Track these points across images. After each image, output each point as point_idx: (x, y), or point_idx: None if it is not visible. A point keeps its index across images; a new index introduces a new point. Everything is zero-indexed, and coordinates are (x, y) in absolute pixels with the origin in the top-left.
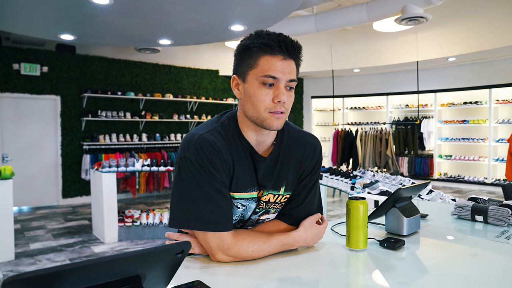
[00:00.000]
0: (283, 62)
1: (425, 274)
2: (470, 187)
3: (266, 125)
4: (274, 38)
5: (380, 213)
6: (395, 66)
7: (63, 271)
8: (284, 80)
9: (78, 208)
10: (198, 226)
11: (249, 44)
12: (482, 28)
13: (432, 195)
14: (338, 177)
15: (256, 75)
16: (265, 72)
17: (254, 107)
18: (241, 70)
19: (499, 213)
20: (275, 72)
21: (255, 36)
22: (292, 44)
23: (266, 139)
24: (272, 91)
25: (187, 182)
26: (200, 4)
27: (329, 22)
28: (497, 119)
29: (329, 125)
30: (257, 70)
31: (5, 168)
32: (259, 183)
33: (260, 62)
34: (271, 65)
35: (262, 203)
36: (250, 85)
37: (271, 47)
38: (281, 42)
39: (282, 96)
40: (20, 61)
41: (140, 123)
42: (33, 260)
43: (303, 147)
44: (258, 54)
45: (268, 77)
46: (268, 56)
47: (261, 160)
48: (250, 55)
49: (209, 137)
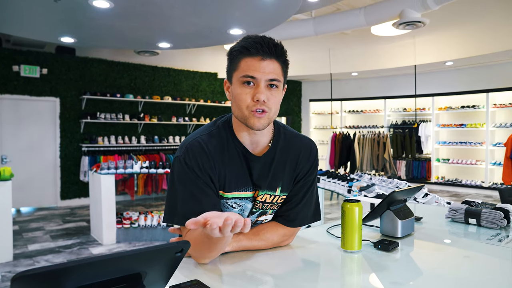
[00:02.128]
0: (262, 62)
1: (418, 276)
2: (468, 190)
3: (249, 124)
4: (252, 40)
5: (374, 216)
6: (393, 70)
7: (70, 267)
8: (263, 79)
9: (76, 209)
10: (179, 221)
11: (233, 48)
12: (480, 32)
13: (427, 199)
14: (335, 180)
15: (238, 77)
16: (244, 72)
17: (238, 107)
18: (229, 73)
19: (492, 216)
20: (253, 72)
21: (240, 40)
22: (269, 44)
23: (260, 139)
24: (252, 90)
25: (175, 180)
26: (200, 7)
27: (328, 26)
28: (494, 123)
29: (327, 128)
30: (238, 71)
31: (4, 170)
32: (254, 183)
33: (241, 64)
34: (250, 65)
35: (259, 203)
36: (234, 86)
37: (248, 49)
38: (257, 44)
39: (260, 95)
40: (20, 63)
41: (139, 125)
42: (31, 261)
43: (299, 149)
44: (239, 56)
45: (246, 76)
46: (247, 57)
47: (254, 159)
48: (233, 59)
49: (201, 139)
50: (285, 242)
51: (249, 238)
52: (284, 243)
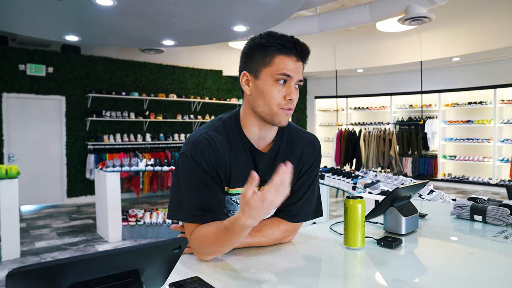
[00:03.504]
0: (296, 63)
1: (422, 272)
2: (475, 187)
3: (276, 120)
4: (291, 39)
5: (378, 212)
6: (399, 66)
7: (65, 264)
8: (295, 79)
9: (82, 207)
10: (185, 218)
11: (265, 43)
12: (487, 28)
13: (432, 195)
14: (340, 177)
15: (271, 73)
16: (281, 71)
17: (266, 103)
18: (253, 67)
19: (498, 213)
20: (289, 71)
21: (269, 36)
22: (305, 48)
23: (268, 134)
24: (285, 89)
25: (180, 175)
26: (203, 4)
27: (332, 23)
28: (502, 119)
29: (333, 125)
30: (272, 68)
31: (11, 168)
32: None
33: (276, 60)
34: (286, 64)
35: None
36: (264, 82)
37: (287, 48)
38: (296, 45)
39: (293, 94)
40: (26, 62)
41: (144, 123)
42: (38, 258)
43: (302, 144)
44: (274, 53)
45: (283, 75)
46: (283, 56)
47: (260, 155)
48: (265, 53)
49: (208, 135)
50: (287, 239)
51: (251, 235)
52: (286, 239)
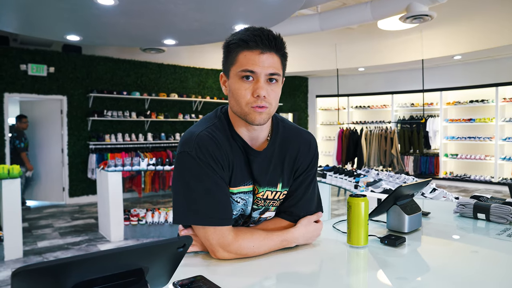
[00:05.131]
0: (261, 56)
1: (426, 271)
2: (476, 186)
3: (249, 119)
4: (251, 33)
5: (381, 211)
6: (400, 65)
7: (70, 262)
8: (263, 74)
9: (84, 207)
10: (197, 221)
11: (230, 41)
12: (488, 25)
13: (435, 194)
14: (342, 175)
15: (236, 71)
16: (243, 67)
17: (237, 103)
18: (225, 67)
19: (501, 211)
20: (252, 66)
21: (236, 33)
22: (269, 37)
23: (259, 134)
24: (252, 85)
25: (186, 177)
26: (204, 4)
27: (334, 21)
28: (504, 118)
29: (334, 124)
30: (237, 66)
31: (13, 167)
32: (254, 178)
33: (239, 57)
34: (249, 59)
35: (260, 200)
36: (232, 81)
37: (246, 42)
38: (256, 37)
39: (261, 90)
40: (27, 61)
41: (146, 123)
42: (40, 258)
43: (298, 144)
44: (237, 50)
45: (245, 71)
46: (245, 51)
47: (255, 154)
48: (230, 52)
49: (209, 132)
50: None
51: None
52: None
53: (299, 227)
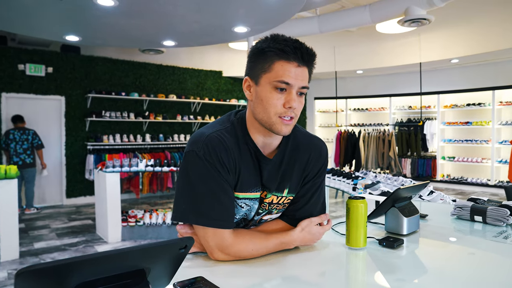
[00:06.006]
0: (297, 69)
1: (424, 273)
2: (473, 188)
3: (275, 129)
4: (291, 44)
5: (379, 213)
6: (398, 68)
7: (74, 263)
8: (296, 86)
9: (82, 208)
10: (198, 221)
11: (265, 48)
12: (485, 29)
13: (433, 196)
14: (340, 178)
15: (270, 79)
16: (279, 78)
17: (265, 111)
18: (254, 72)
19: (498, 214)
20: (288, 78)
21: (271, 40)
22: (307, 51)
23: (273, 141)
24: (284, 96)
25: (192, 176)
26: (204, 5)
27: (332, 24)
28: (500, 121)
29: (332, 126)
30: (271, 74)
31: (10, 168)
32: (263, 184)
33: (275, 67)
34: (285, 71)
35: (266, 204)
36: (263, 88)
37: (287, 53)
38: (297, 49)
39: (294, 102)
40: (25, 61)
41: (144, 124)
42: (37, 259)
43: (309, 150)
44: (273, 58)
45: (281, 82)
46: (283, 61)
47: (266, 161)
48: (265, 59)
49: (218, 135)
50: None
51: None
52: None
53: (298, 229)
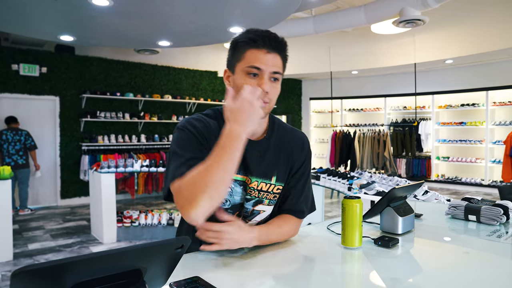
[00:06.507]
0: (267, 55)
1: (419, 272)
2: (467, 188)
3: None
4: (260, 33)
5: (375, 212)
6: (393, 68)
7: (70, 263)
8: (267, 71)
9: (76, 208)
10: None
11: (238, 40)
12: (479, 30)
13: (427, 196)
14: (336, 178)
15: (242, 67)
16: (250, 63)
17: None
18: (231, 63)
19: (492, 213)
20: (259, 64)
21: (244, 32)
22: (276, 39)
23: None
24: (257, 81)
25: (174, 146)
26: (199, 6)
27: (328, 24)
28: (494, 121)
29: (327, 127)
30: (243, 62)
31: (3, 169)
32: (246, 167)
33: (246, 55)
34: (255, 57)
35: (254, 190)
36: (238, 76)
37: (256, 41)
38: (265, 37)
39: (265, 86)
40: (19, 61)
41: (139, 124)
42: (31, 260)
43: (293, 141)
44: (245, 48)
45: (252, 67)
46: (253, 49)
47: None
48: (238, 49)
49: (199, 117)
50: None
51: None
52: (295, 234)
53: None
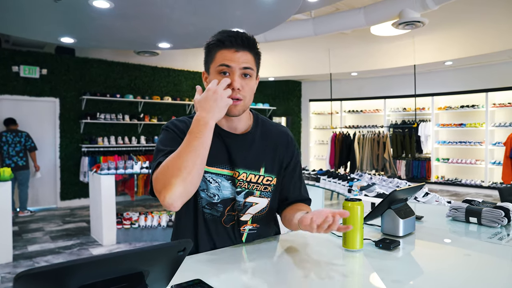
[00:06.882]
0: (236, 53)
1: (420, 274)
2: (467, 190)
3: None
4: (227, 34)
5: (376, 215)
6: (393, 70)
7: (73, 266)
8: (237, 68)
9: (76, 210)
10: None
11: (209, 43)
12: (479, 32)
13: (428, 198)
14: (336, 179)
15: (214, 67)
16: (219, 63)
17: None
18: (206, 65)
19: (493, 215)
20: (228, 62)
21: (216, 35)
22: (242, 38)
23: (237, 125)
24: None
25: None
26: (199, 8)
27: (327, 26)
28: (494, 123)
29: (327, 128)
30: (215, 62)
31: (4, 170)
32: (232, 161)
33: (217, 55)
34: (224, 56)
35: (243, 182)
36: (212, 76)
37: (223, 42)
38: (231, 37)
39: (236, 82)
40: (19, 63)
41: (139, 126)
42: (31, 262)
43: (277, 135)
44: (215, 49)
45: (221, 65)
46: (222, 50)
47: (231, 137)
48: (210, 51)
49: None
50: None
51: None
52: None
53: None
